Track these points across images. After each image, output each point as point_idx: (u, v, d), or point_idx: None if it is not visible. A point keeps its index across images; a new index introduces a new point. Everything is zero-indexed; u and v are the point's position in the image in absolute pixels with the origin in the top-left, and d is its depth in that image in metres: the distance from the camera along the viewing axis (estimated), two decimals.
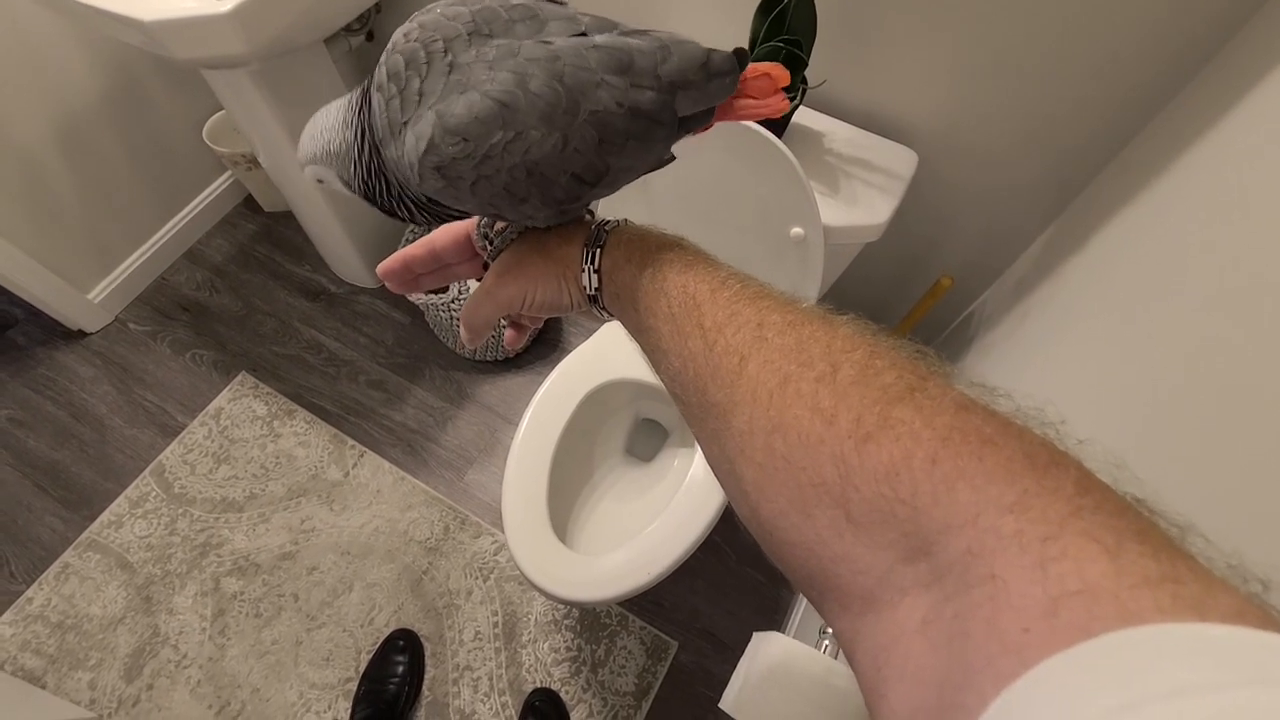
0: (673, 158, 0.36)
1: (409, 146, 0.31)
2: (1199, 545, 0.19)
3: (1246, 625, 0.15)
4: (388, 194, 0.34)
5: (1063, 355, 0.73)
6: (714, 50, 0.33)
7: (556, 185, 0.32)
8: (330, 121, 0.35)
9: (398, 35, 0.32)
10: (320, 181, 0.37)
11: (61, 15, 1.05)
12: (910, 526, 0.21)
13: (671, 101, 0.32)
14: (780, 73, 0.35)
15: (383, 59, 0.32)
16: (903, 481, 0.22)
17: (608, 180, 0.34)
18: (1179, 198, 0.65)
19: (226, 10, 0.90)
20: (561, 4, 0.33)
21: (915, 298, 1.24)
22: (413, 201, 0.35)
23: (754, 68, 0.35)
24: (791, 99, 0.87)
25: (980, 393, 0.25)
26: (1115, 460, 0.22)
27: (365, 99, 0.33)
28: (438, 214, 0.36)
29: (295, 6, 1.00)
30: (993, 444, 0.21)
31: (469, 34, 0.31)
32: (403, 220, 0.37)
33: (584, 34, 0.32)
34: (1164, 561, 0.17)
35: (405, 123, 0.31)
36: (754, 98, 0.35)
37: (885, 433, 0.23)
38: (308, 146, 0.36)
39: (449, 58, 0.30)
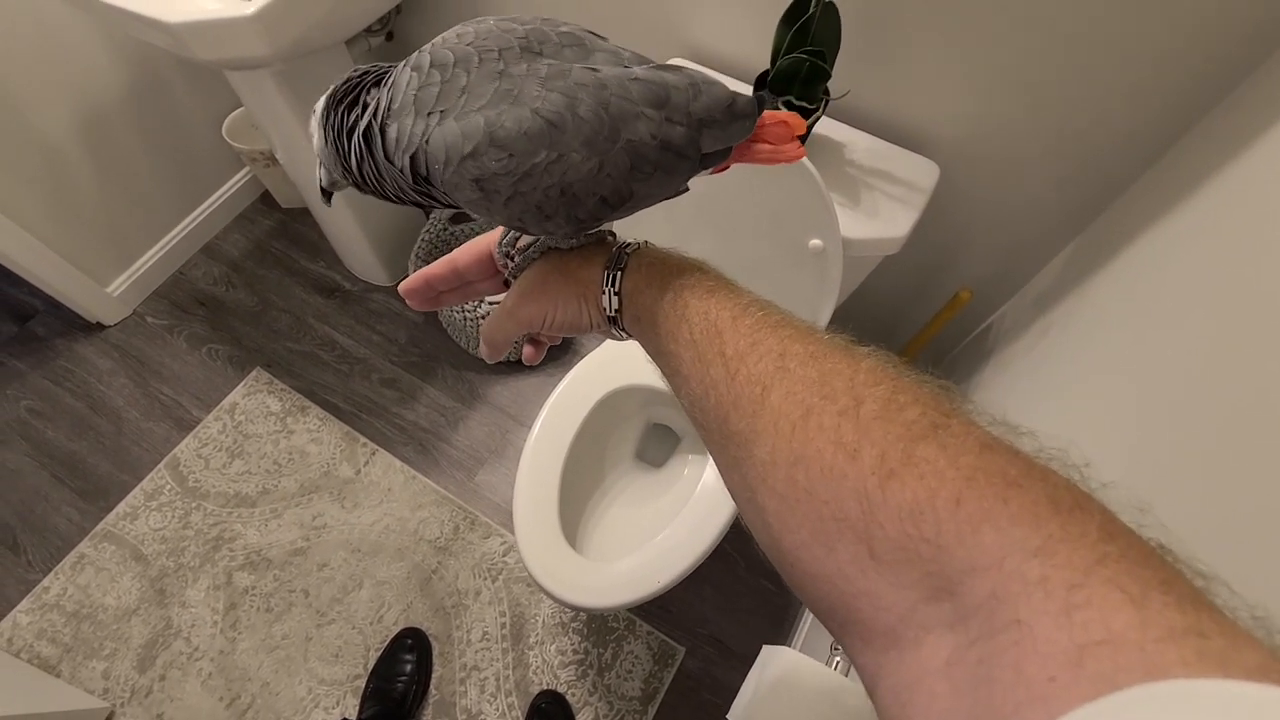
0: (687, 189, 0.37)
1: (449, 138, 0.30)
2: (1224, 595, 0.19)
3: (1271, 682, 0.15)
4: (349, 140, 0.34)
5: (1085, 374, 0.73)
6: (738, 94, 0.34)
7: (583, 206, 0.33)
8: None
9: (449, 34, 0.33)
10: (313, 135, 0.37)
11: (88, 14, 1.06)
12: (934, 566, 0.21)
13: (698, 138, 0.33)
14: (797, 122, 0.36)
15: (428, 49, 0.32)
16: (927, 520, 0.22)
17: (629, 205, 0.34)
18: (1211, 220, 0.64)
19: (250, 13, 0.91)
20: (603, 38, 0.34)
21: (933, 310, 1.24)
22: (370, 154, 0.33)
23: (773, 115, 0.36)
24: (814, 109, 0.87)
25: (1004, 431, 0.25)
26: (1139, 504, 0.22)
27: (374, 77, 0.33)
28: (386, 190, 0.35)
29: (318, 9, 1.01)
30: (1017, 486, 0.22)
31: (521, 49, 0.32)
32: (344, 172, 0.35)
33: (625, 67, 0.33)
34: (1189, 613, 0.17)
35: (442, 111, 0.31)
36: (770, 143, 0.36)
37: (909, 470, 0.23)
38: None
39: (500, 65, 0.31)
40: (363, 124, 0.33)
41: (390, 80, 0.33)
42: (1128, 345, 0.67)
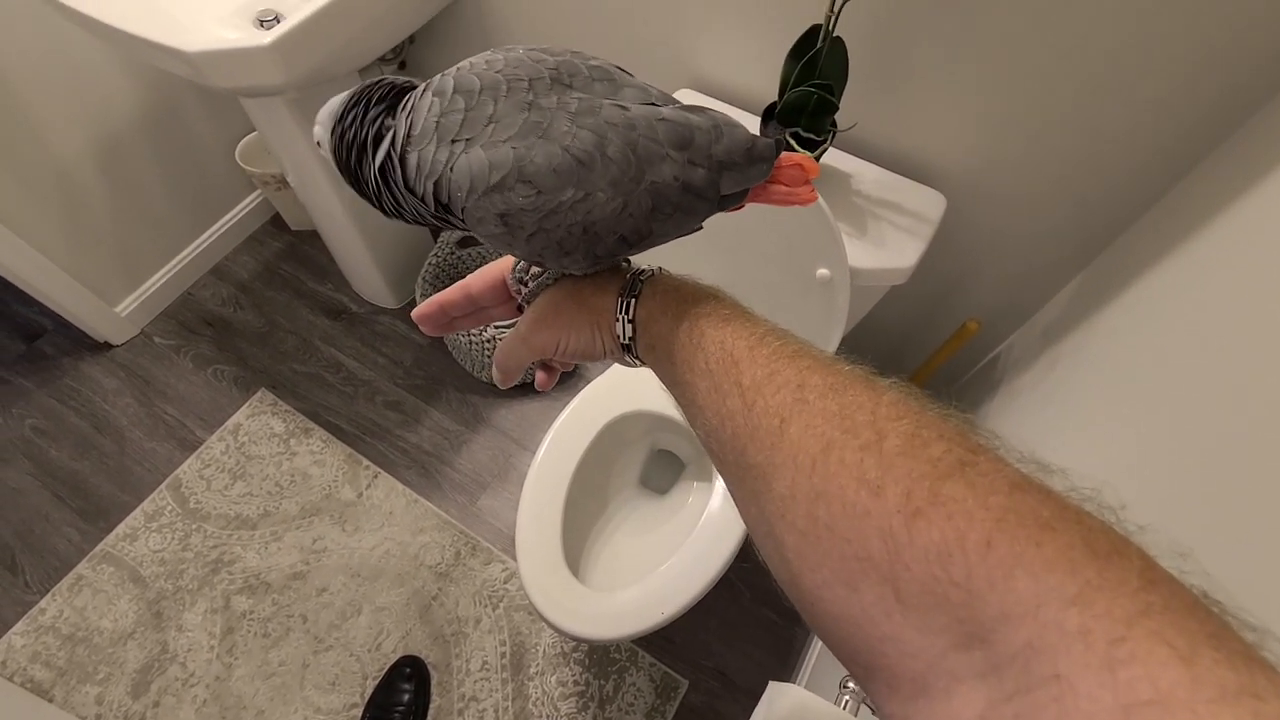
0: (701, 228, 0.37)
1: (475, 167, 0.30)
2: (1276, 650, 0.18)
3: None
4: (360, 150, 0.33)
5: (1096, 409, 0.72)
6: (758, 137, 0.35)
7: (603, 244, 0.33)
8: (344, 95, 0.35)
9: (478, 60, 0.33)
10: (318, 144, 0.36)
11: (106, 41, 1.08)
12: (964, 612, 0.20)
13: (718, 180, 0.33)
14: (811, 165, 0.37)
15: (451, 74, 0.32)
16: (956, 563, 0.21)
17: (646, 243, 0.35)
18: (1223, 253, 0.63)
19: (267, 43, 0.92)
20: (630, 74, 0.35)
21: (940, 339, 1.23)
22: (388, 185, 0.33)
23: (789, 157, 0.37)
24: (822, 140, 0.87)
25: (1033, 469, 0.24)
26: (1180, 549, 0.21)
27: (394, 92, 0.33)
28: (403, 209, 0.35)
29: (333, 40, 1.02)
30: (1051, 529, 0.21)
31: (551, 80, 0.31)
32: (353, 179, 0.35)
33: (653, 104, 0.33)
34: (1241, 671, 0.16)
35: (468, 139, 0.30)
36: (786, 185, 0.37)
37: (936, 510, 0.22)
38: (323, 111, 0.35)
39: (530, 96, 0.31)
40: (379, 159, 0.32)
41: (409, 105, 0.32)
42: (1139, 380, 0.66)
